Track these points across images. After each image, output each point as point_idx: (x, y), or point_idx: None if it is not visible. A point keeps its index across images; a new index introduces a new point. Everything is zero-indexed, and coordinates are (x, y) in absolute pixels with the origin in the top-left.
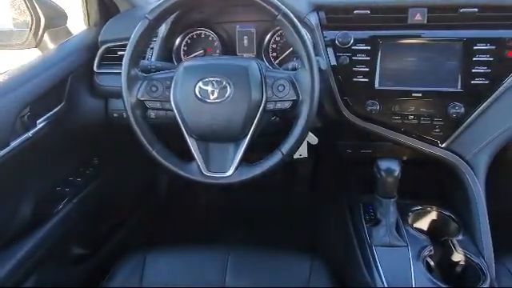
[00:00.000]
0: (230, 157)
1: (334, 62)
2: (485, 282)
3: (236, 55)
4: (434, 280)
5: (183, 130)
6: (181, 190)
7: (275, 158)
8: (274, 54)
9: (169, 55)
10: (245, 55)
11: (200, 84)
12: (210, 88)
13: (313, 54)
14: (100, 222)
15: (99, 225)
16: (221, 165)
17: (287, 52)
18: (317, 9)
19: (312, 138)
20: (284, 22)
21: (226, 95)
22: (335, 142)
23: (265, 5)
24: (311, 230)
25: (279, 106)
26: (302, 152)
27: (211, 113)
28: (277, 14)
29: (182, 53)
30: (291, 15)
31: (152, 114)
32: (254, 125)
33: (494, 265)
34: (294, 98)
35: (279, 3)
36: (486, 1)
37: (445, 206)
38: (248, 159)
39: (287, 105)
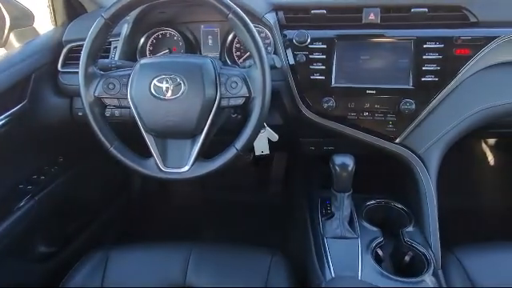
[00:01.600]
0: (186, 153)
1: (292, 61)
2: (428, 270)
3: (200, 54)
4: (381, 270)
5: (140, 126)
6: (155, 189)
7: (230, 154)
8: (238, 54)
9: (133, 54)
10: (210, 55)
11: (155, 81)
12: (164, 85)
13: (264, 52)
14: (68, 220)
15: (66, 223)
16: (178, 161)
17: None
18: (275, 8)
19: (272, 135)
20: (235, 21)
21: (181, 92)
22: (298, 140)
23: (216, 4)
24: (281, 228)
25: (233, 102)
26: (264, 149)
27: (166, 110)
28: (228, 12)
29: (147, 52)
30: (242, 14)
31: (111, 111)
32: (209, 121)
33: (440, 254)
34: (247, 94)
35: (230, 2)
36: (436, 1)
37: (399, 199)
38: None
39: (240, 101)
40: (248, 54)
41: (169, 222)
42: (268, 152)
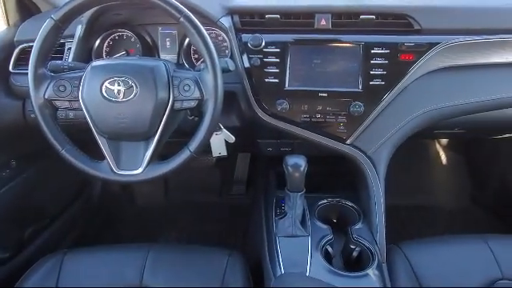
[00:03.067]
0: (140, 155)
1: (247, 64)
2: (373, 264)
3: (156, 57)
4: (328, 266)
5: (92, 129)
6: (116, 191)
7: (184, 156)
8: (196, 56)
9: (88, 56)
10: (168, 57)
11: (106, 84)
12: (116, 87)
13: (215, 56)
14: (23, 225)
15: (21, 228)
16: (131, 163)
17: None
18: (231, 12)
19: (229, 137)
20: (186, 25)
21: (133, 95)
22: (256, 141)
23: (167, 7)
24: (242, 228)
25: (186, 104)
26: (221, 150)
27: (118, 112)
28: (179, 16)
29: (104, 54)
30: (193, 18)
31: (65, 113)
32: (162, 123)
33: (385, 248)
34: (199, 97)
35: (181, 6)
36: (383, 9)
37: (350, 198)
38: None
39: (193, 103)
40: None
41: (131, 223)
42: (225, 153)
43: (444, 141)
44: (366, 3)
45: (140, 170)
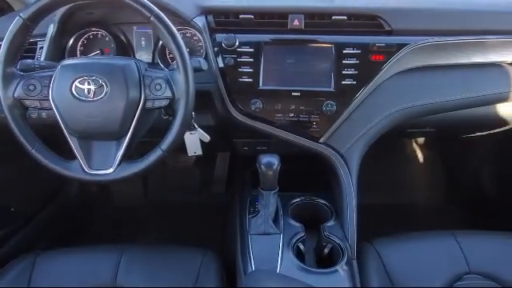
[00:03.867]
0: (112, 154)
1: (221, 63)
2: (342, 260)
3: (134, 57)
4: (299, 263)
5: (63, 128)
6: (95, 191)
7: (155, 155)
8: (171, 56)
9: (61, 55)
10: (143, 57)
11: (76, 83)
12: (86, 87)
13: (186, 55)
14: None
15: None
16: (103, 162)
17: None
18: (205, 12)
19: (204, 136)
20: (157, 24)
21: (103, 94)
22: (232, 140)
23: (137, 6)
24: (220, 227)
25: (157, 104)
26: (197, 150)
27: (89, 111)
28: (149, 15)
29: (78, 53)
30: (163, 17)
31: (35, 113)
32: (134, 123)
33: (355, 245)
34: (170, 96)
35: (152, 5)
36: (354, 10)
37: (324, 196)
38: None
39: (164, 103)
40: None
41: (109, 224)
42: (201, 153)
43: (420, 140)
44: (338, 4)
45: (111, 170)
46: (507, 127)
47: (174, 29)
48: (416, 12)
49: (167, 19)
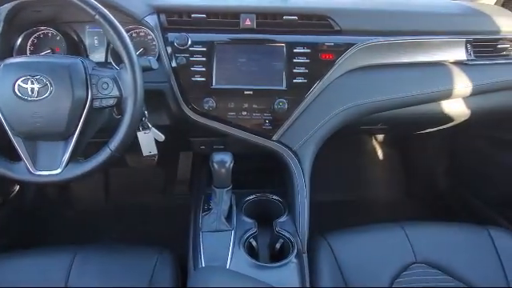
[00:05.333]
0: (59, 155)
1: (173, 63)
2: (292, 254)
3: (86, 56)
4: (249, 258)
5: (7, 129)
6: (53, 194)
7: (104, 155)
8: None
9: (10, 55)
10: (96, 56)
11: (19, 82)
12: (29, 86)
13: (133, 54)
14: None
15: None
16: (50, 163)
17: (137, 53)
18: (157, 11)
19: (158, 136)
20: (102, 22)
21: (48, 93)
22: (189, 140)
23: (82, 5)
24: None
25: (105, 103)
26: (151, 149)
27: (33, 111)
28: (94, 13)
29: (28, 52)
30: (108, 15)
31: None
32: (81, 122)
33: (306, 239)
34: (118, 95)
35: (96, 3)
36: (304, 10)
37: (278, 193)
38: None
39: (112, 102)
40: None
41: (69, 228)
42: (156, 152)
43: (380, 136)
44: (289, 5)
45: (59, 171)
46: (453, 123)
47: (120, 27)
48: (364, 13)
49: (112, 17)
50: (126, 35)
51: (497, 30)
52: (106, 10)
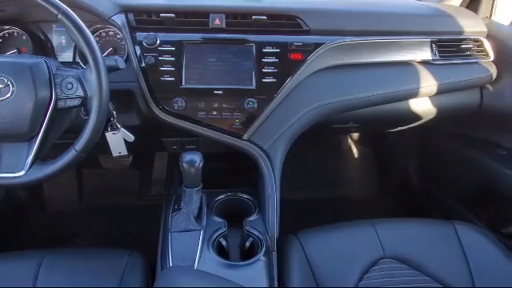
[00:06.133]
0: (22, 157)
1: (142, 62)
2: (260, 251)
3: (54, 56)
4: (217, 258)
5: None
6: (25, 196)
7: (69, 156)
8: None
9: None
10: (63, 56)
11: None
12: None
13: (98, 53)
14: None
15: None
16: (13, 165)
17: (106, 52)
18: (125, 10)
19: (128, 136)
20: (65, 22)
21: (9, 94)
22: (160, 140)
23: (44, 4)
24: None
25: (70, 103)
26: (121, 150)
27: None
28: (57, 13)
29: None
30: (72, 14)
31: None
32: (45, 123)
33: (275, 238)
34: (83, 95)
35: (60, 2)
36: (274, 10)
37: (249, 192)
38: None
39: (77, 102)
40: (104, 55)
41: (41, 231)
42: (126, 153)
43: (354, 135)
44: (258, 4)
45: (22, 173)
46: (422, 121)
47: (84, 26)
48: (332, 13)
49: (76, 16)
50: (89, 34)
51: (460, 30)
52: (69, 9)
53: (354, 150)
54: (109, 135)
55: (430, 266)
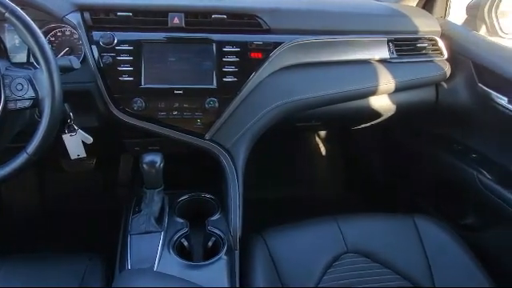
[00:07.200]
0: None
1: (99, 62)
2: (222, 250)
3: (6, 57)
4: (178, 258)
5: None
6: None
7: (21, 159)
8: None
9: None
10: (17, 56)
11: None
12: None
13: (48, 52)
14: None
15: None
16: None
17: (62, 53)
18: (80, 9)
19: (86, 138)
20: (13, 20)
21: None
22: (122, 141)
23: None
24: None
25: (20, 104)
26: (80, 152)
27: None
28: (4, 11)
29: None
30: (20, 13)
31: None
32: None
33: (238, 237)
34: (34, 96)
35: (7, 1)
36: (233, 10)
37: (213, 191)
38: None
39: (28, 103)
40: (61, 54)
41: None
42: (85, 155)
43: (322, 133)
44: (217, 3)
45: None
46: (383, 118)
47: (33, 25)
48: (292, 12)
49: (25, 15)
50: (39, 33)
51: (416, 30)
52: (17, 8)
53: (321, 148)
54: (66, 137)
55: (390, 258)
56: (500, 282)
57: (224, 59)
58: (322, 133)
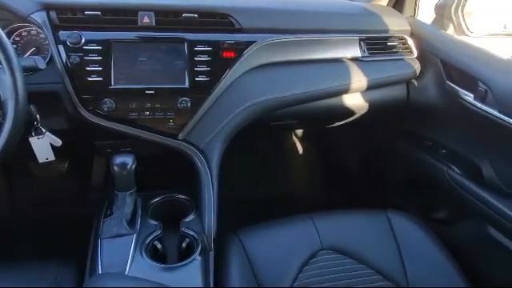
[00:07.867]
0: None
1: (66, 62)
2: (195, 252)
3: None
4: (150, 261)
5: None
6: None
7: None
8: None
9: None
10: None
11: None
12: None
13: (10, 52)
14: None
15: None
16: None
17: (28, 53)
18: (46, 8)
19: (55, 141)
20: None
21: None
22: (93, 143)
23: None
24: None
25: None
26: (48, 156)
27: None
28: None
29: None
30: None
31: None
32: None
33: (212, 237)
34: None
35: None
36: (204, 8)
37: (187, 192)
38: None
39: None
40: (27, 55)
41: None
42: (53, 158)
43: (299, 132)
44: (188, 2)
45: None
46: (356, 116)
47: None
48: (264, 11)
49: None
50: (1, 33)
51: (386, 29)
52: None
53: (298, 147)
54: (33, 140)
55: (365, 253)
56: (469, 273)
57: (196, 58)
58: (299, 132)
